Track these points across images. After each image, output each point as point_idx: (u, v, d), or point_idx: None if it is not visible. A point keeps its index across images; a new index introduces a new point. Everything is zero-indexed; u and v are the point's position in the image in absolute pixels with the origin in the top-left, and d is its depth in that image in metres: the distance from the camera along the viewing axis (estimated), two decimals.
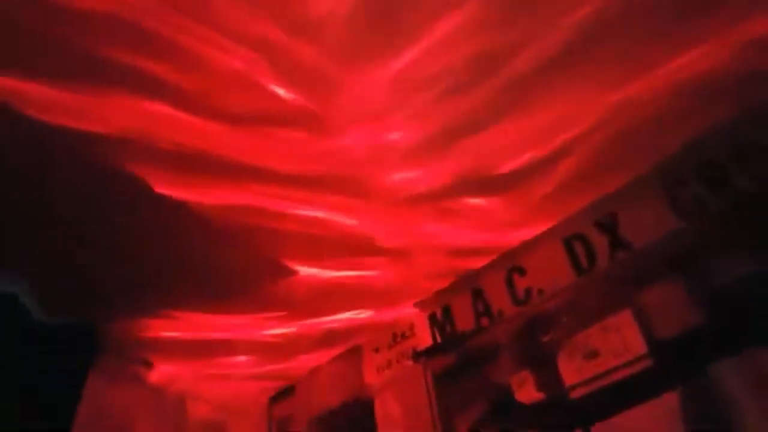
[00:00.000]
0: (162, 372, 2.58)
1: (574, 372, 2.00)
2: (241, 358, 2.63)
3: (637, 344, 1.90)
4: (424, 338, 2.47)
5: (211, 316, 2.35)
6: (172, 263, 2.04)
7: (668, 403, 1.78)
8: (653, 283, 1.93)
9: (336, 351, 2.75)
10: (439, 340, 2.42)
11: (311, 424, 2.68)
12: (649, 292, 1.93)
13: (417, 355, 2.43)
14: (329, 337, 2.64)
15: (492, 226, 2.20)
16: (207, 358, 2.58)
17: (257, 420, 2.90)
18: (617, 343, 1.95)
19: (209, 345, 2.48)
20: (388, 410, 2.46)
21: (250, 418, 2.92)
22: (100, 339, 2.28)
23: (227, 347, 2.52)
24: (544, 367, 2.07)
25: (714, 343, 1.76)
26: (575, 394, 1.98)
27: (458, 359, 2.32)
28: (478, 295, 2.37)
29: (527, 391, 2.08)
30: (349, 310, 2.54)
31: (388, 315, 2.57)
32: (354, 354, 2.70)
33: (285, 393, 2.89)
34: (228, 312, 2.35)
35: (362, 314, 2.56)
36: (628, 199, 2.06)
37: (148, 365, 2.52)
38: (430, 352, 2.40)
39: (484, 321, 2.32)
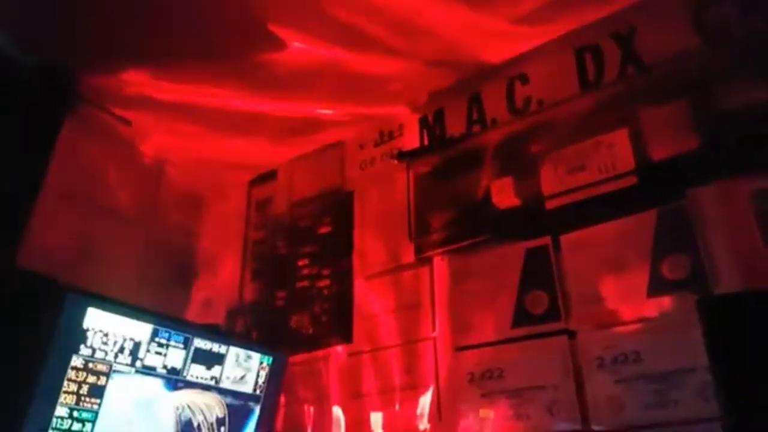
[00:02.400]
0: (141, 131, 2.53)
1: (555, 182, 2.01)
2: (224, 133, 2.59)
3: (626, 161, 1.88)
4: (412, 140, 2.44)
5: (194, 79, 2.24)
6: (157, 11, 1.89)
7: (641, 221, 1.81)
8: (656, 103, 1.86)
9: (320, 143, 2.71)
10: (426, 143, 2.40)
11: (291, 207, 2.74)
12: (650, 112, 1.87)
13: (402, 155, 2.41)
14: (315, 127, 2.59)
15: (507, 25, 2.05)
16: (189, 125, 2.52)
17: (237, 200, 2.95)
18: (606, 159, 1.93)
19: (192, 111, 2.40)
20: (366, 203, 2.50)
21: (230, 196, 2.97)
22: (77, 85, 2.18)
23: (210, 118, 2.46)
24: (526, 174, 2.07)
25: (702, 168, 1.74)
26: (551, 205, 2.01)
27: (442, 162, 2.31)
28: (474, 100, 2.30)
29: (505, 197, 2.10)
30: (338, 101, 2.45)
31: (377, 112, 2.50)
32: (338, 147, 2.68)
33: (266, 177, 2.91)
34: (212, 78, 2.24)
35: (351, 107, 2.48)
36: (650, 12, 1.93)
37: (127, 122, 2.47)
38: (415, 153, 2.38)
39: (476, 129, 2.28)
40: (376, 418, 2.13)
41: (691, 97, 1.81)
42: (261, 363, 2.12)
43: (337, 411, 2.25)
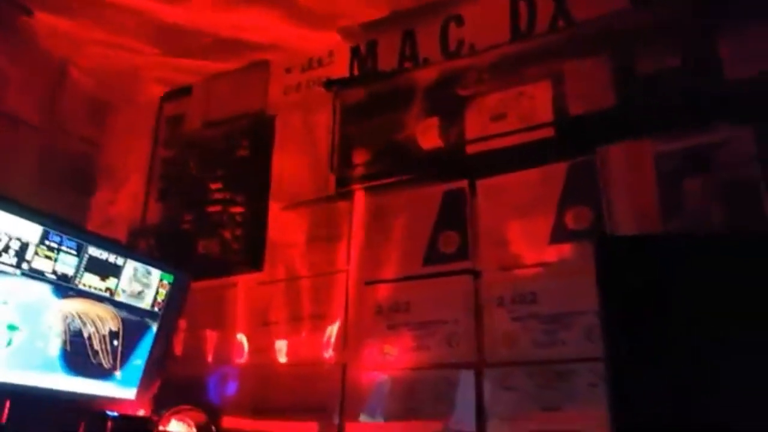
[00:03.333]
0: (44, 27, 2.27)
1: (478, 128, 2.05)
2: (136, 41, 2.38)
3: (545, 113, 1.95)
4: (342, 69, 2.37)
5: None
6: None
7: (552, 172, 1.89)
8: (580, 58, 1.93)
9: (243, 62, 2.57)
10: (357, 74, 2.34)
11: (206, 126, 2.60)
12: (573, 67, 1.94)
13: (330, 83, 2.34)
14: (238, 46, 2.44)
15: None
16: (97, 27, 2.29)
17: (147, 112, 2.75)
18: (527, 109, 1.99)
19: (101, 13, 2.18)
20: (288, 130, 2.43)
21: (140, 107, 2.76)
22: None
23: (120, 22, 2.24)
24: (451, 117, 2.09)
25: (613, 127, 1.84)
26: (472, 149, 2.05)
27: (371, 96, 2.28)
28: (408, 36, 2.27)
29: (429, 137, 2.11)
30: (266, 19, 2.31)
31: (307, 35, 2.39)
32: (262, 68, 2.55)
33: (181, 92, 2.73)
34: None
35: (280, 29, 2.36)
36: None
37: (28, 12, 2.19)
38: (345, 82, 2.32)
39: (408, 65, 2.25)
40: (281, 346, 2.14)
41: (612, 57, 1.89)
42: (161, 280, 2.03)
43: (241, 338, 2.24)
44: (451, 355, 1.86)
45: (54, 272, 1.76)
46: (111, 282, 1.91)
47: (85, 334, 1.85)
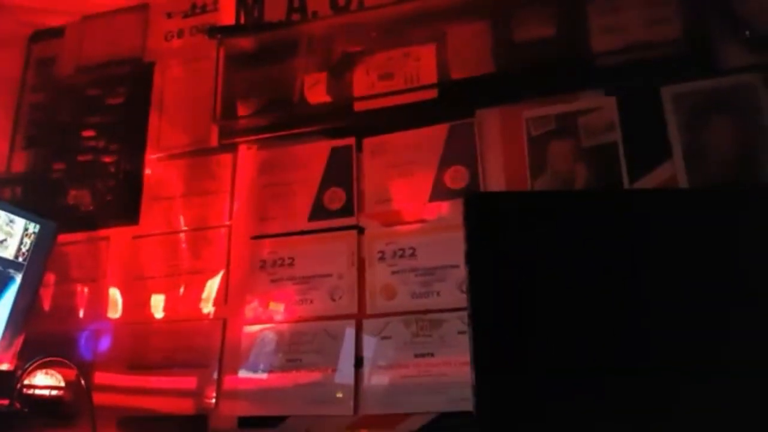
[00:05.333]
0: None
1: (366, 86, 2.06)
2: None
3: (430, 75, 2.00)
4: (227, 17, 2.28)
5: None
6: None
7: (435, 133, 1.96)
8: (463, 23, 1.99)
9: (120, 3, 2.39)
10: (243, 22, 2.26)
11: (79, 71, 2.40)
12: (456, 31, 2.00)
13: (214, 31, 2.24)
14: None
15: None
16: None
17: (13, 55, 2.49)
18: (412, 71, 2.03)
19: None
20: (167, 77, 2.31)
21: (4, 49, 2.49)
22: None
23: None
24: (339, 74, 2.08)
25: (491, 91, 1.93)
26: (359, 107, 2.07)
27: (256, 47, 2.21)
28: None
29: (317, 93, 2.10)
30: None
31: None
32: (140, 11, 2.40)
33: (51, 33, 2.50)
34: None
35: None
36: None
37: None
38: (229, 30, 2.23)
39: (296, 17, 2.20)
40: (158, 301, 2.08)
41: (492, 24, 1.97)
42: (26, 230, 1.89)
43: (114, 293, 2.14)
44: (334, 308, 1.90)
45: None
46: None
47: None
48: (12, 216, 1.86)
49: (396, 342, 1.81)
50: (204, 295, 2.04)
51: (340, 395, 1.81)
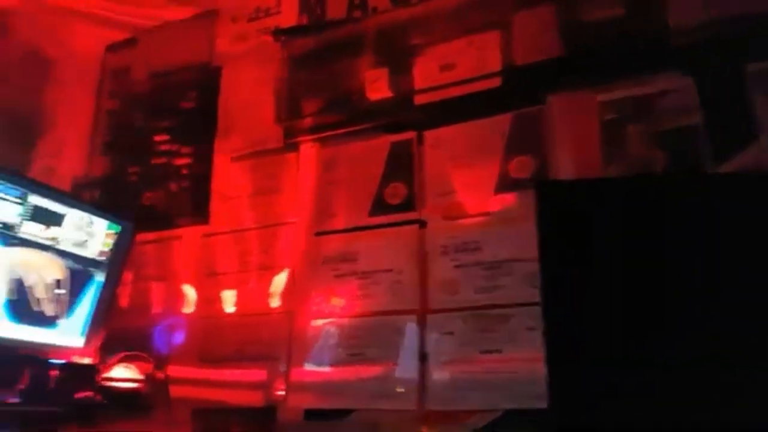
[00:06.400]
0: None
1: (427, 78, 2.03)
2: None
3: (494, 63, 1.95)
4: (290, 19, 2.32)
5: None
6: None
7: (498, 123, 1.90)
8: (528, 7, 1.92)
9: (189, 12, 2.49)
10: (305, 23, 2.29)
11: (152, 77, 2.52)
12: (521, 16, 1.93)
13: (278, 33, 2.29)
14: None
15: None
16: None
17: (92, 63, 2.65)
18: (474, 60, 1.98)
19: None
20: (234, 81, 2.37)
21: (84, 58, 2.66)
22: None
23: None
24: (401, 67, 2.07)
25: (559, 76, 1.85)
26: (420, 100, 2.04)
27: (319, 46, 2.23)
28: None
29: (378, 88, 2.09)
30: None
31: None
32: (208, 18, 2.48)
33: (125, 44, 2.64)
34: None
35: None
36: None
37: None
38: (293, 32, 2.27)
39: (357, 14, 2.21)
40: (229, 296, 2.14)
41: (558, 6, 1.88)
42: (107, 231, 2.00)
43: (188, 289, 2.22)
44: (395, 303, 1.88)
45: None
46: (54, 231, 1.87)
47: (29, 282, 1.81)
48: (92, 217, 1.97)
49: (460, 338, 1.76)
50: (271, 289, 2.07)
51: (401, 390, 1.78)
